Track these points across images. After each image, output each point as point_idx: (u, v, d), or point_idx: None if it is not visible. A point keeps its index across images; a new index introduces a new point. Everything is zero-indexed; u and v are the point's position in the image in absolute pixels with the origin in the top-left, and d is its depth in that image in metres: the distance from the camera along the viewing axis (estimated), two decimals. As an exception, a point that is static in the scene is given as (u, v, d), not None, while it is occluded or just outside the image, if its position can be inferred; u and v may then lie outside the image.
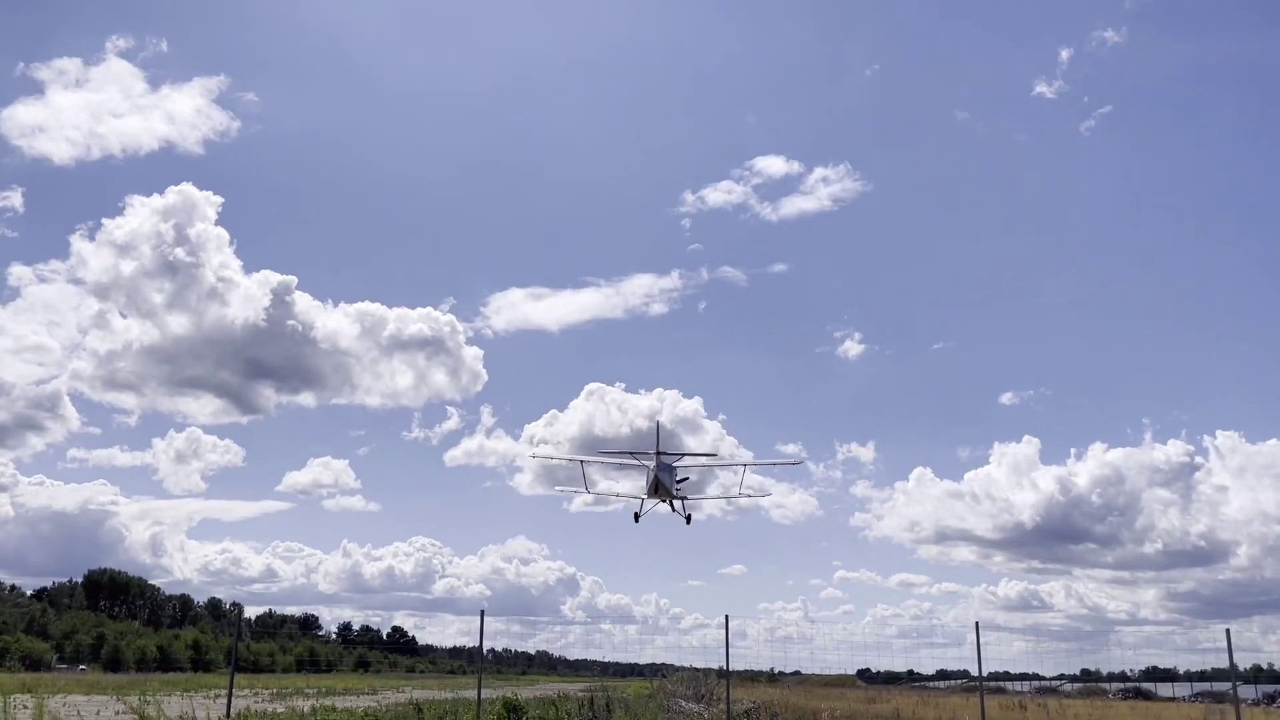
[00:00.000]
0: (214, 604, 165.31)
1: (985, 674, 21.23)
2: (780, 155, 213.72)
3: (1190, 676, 69.71)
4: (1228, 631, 19.03)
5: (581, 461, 30.81)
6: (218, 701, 33.62)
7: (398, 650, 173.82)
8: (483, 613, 19.66)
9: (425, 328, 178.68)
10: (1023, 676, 71.88)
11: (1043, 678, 72.83)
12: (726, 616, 20.32)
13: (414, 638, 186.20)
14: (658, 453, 28.93)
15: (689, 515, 29.69)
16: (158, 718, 11.34)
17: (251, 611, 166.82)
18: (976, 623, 19.98)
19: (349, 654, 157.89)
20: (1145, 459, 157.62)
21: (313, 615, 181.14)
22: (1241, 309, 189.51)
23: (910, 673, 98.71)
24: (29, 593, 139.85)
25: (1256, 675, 76.51)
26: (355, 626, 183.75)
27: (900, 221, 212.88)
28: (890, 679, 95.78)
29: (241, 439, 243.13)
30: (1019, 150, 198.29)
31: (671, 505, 29.63)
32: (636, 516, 30.20)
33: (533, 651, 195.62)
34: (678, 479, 29.32)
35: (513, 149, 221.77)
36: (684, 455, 29.99)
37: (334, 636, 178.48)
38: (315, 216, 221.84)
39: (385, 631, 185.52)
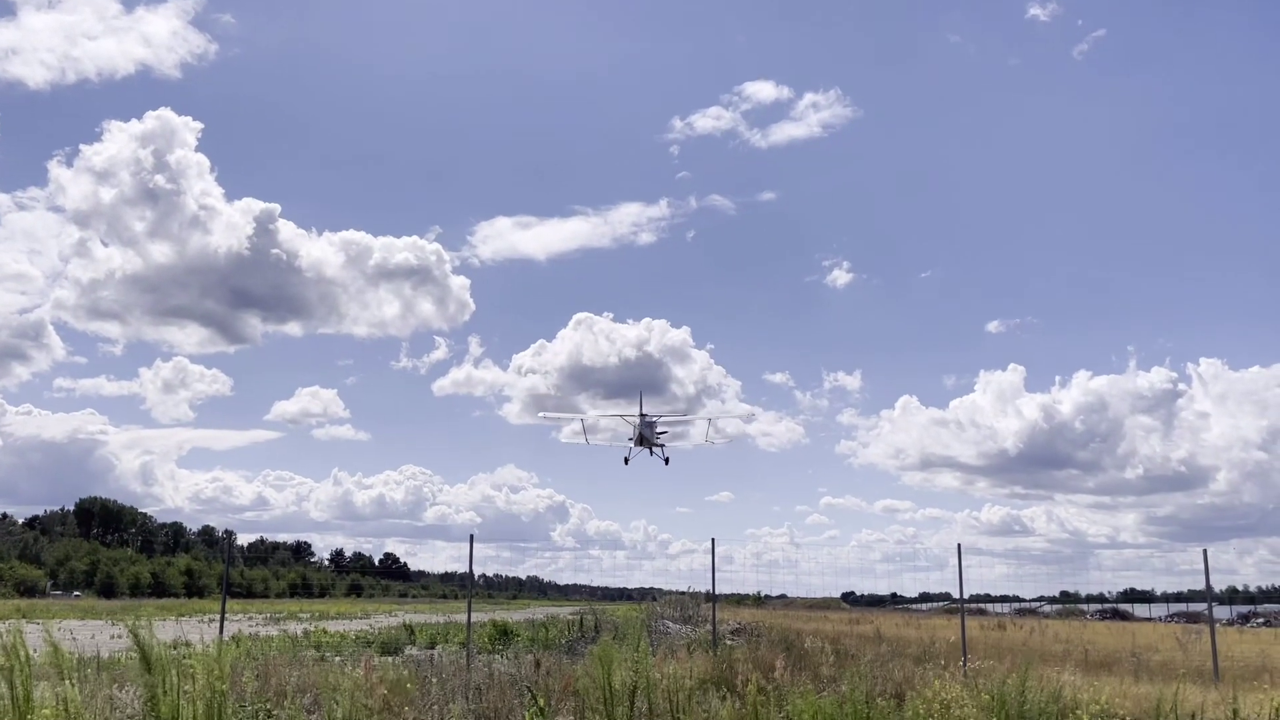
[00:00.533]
0: (207, 531, 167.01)
1: (967, 596, 21.57)
2: (770, 80, 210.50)
3: (1167, 598, 71.23)
4: (1204, 552, 19.34)
5: (582, 419, 38.87)
6: (211, 626, 34.12)
7: (390, 576, 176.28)
8: (471, 537, 19.85)
9: (411, 257, 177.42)
10: (1003, 599, 73.38)
11: (1023, 600, 74.42)
12: (713, 540, 20.64)
13: (406, 564, 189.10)
14: (640, 414, 36.17)
15: (667, 458, 37.43)
16: (149, 641, 11.43)
17: (244, 539, 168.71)
18: (959, 545, 20.25)
19: (342, 580, 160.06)
20: (1129, 386, 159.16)
21: (305, 542, 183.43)
22: (1230, 237, 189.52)
23: (893, 595, 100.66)
24: (20, 521, 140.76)
25: (1232, 596, 78.27)
26: (347, 553, 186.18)
27: (889, 149, 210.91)
28: (874, 602, 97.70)
29: (229, 368, 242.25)
30: (1011, 75, 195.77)
31: (652, 451, 36.68)
32: (626, 460, 37.24)
33: (523, 577, 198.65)
34: (657, 430, 36.66)
35: (499, 75, 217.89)
36: (662, 416, 37.51)
37: (326, 563, 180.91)
38: (296, 143, 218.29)
39: (377, 558, 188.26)
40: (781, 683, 13.24)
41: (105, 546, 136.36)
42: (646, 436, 35.99)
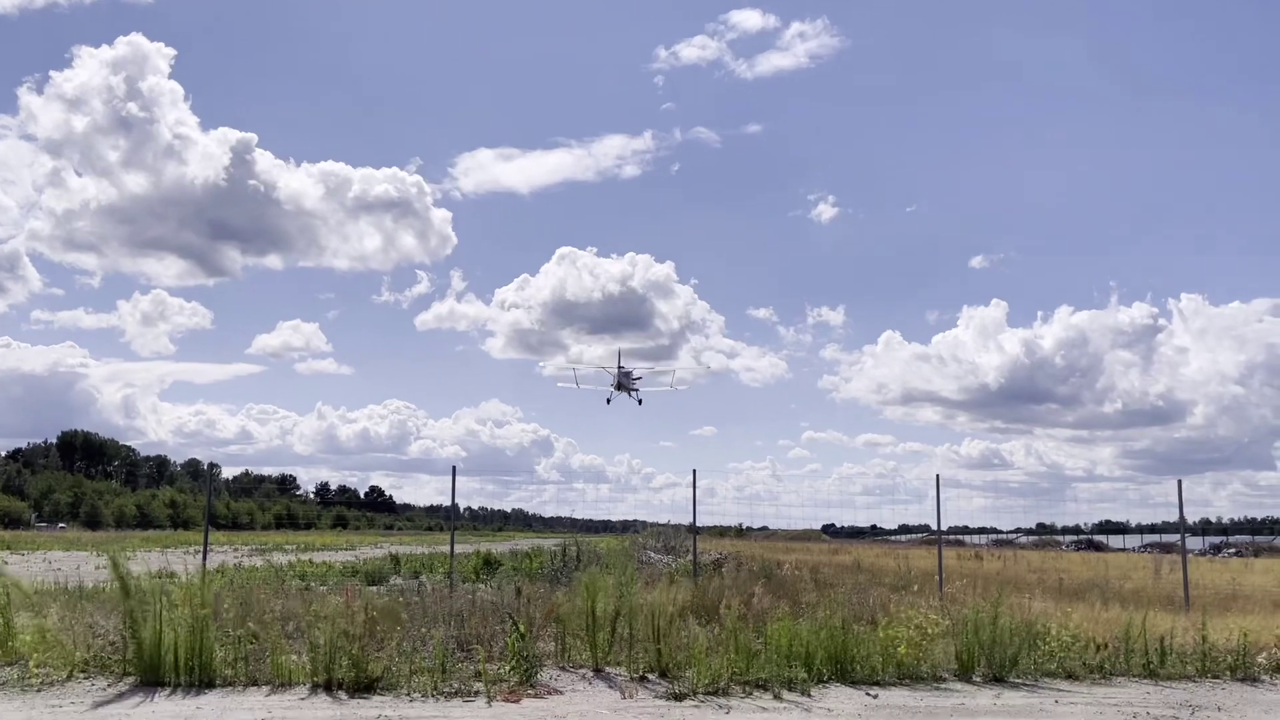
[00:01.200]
0: (192, 464, 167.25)
1: (945, 528, 21.85)
2: (756, 9, 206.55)
3: (1141, 529, 72.52)
4: (1179, 483, 19.55)
5: (574, 369, 46.98)
6: (196, 556, 34.29)
7: (376, 508, 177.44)
8: (454, 469, 19.97)
9: (391, 189, 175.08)
10: (981, 530, 74.51)
11: (1000, 531, 75.61)
12: (694, 471, 20.75)
13: (391, 497, 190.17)
14: (619, 367, 45.82)
15: (640, 400, 47.20)
16: (127, 573, 11.47)
17: (229, 472, 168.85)
18: (937, 476, 20.43)
19: (327, 512, 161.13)
20: (1110, 321, 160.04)
21: (290, 475, 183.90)
22: (1214, 173, 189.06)
23: (873, 527, 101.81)
24: (2, 454, 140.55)
25: (1205, 528, 79.94)
26: (332, 486, 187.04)
27: (876, 80, 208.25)
28: (854, 533, 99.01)
29: (208, 301, 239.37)
30: (998, 4, 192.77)
31: (630, 393, 46.16)
32: (608, 400, 46.36)
33: (508, 510, 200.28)
34: (633, 378, 45.98)
35: (481, 1, 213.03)
36: (636, 368, 47.32)
37: (311, 496, 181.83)
38: (272, 71, 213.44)
39: (362, 491, 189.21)
40: (760, 609, 13.45)
41: (89, 479, 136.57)
42: (625, 385, 45.88)
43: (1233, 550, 65.23)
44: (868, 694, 10.98)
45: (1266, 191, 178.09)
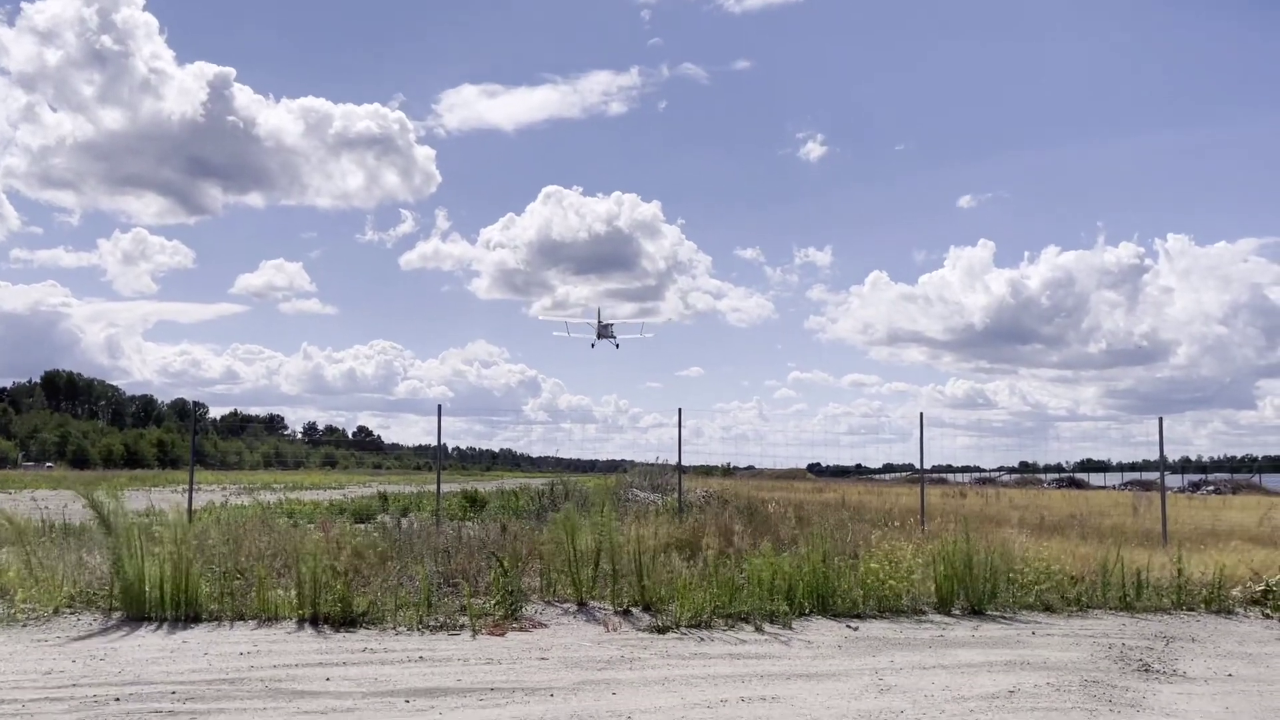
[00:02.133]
0: (179, 404, 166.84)
1: (929, 466, 22.04)
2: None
3: (1122, 467, 73.24)
4: (1159, 420, 19.73)
5: (566, 321, 57.39)
6: (183, 495, 34.35)
7: (364, 448, 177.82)
8: (440, 407, 19.99)
9: (373, 125, 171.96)
10: (965, 469, 75.15)
11: (983, 470, 76.28)
12: (680, 410, 20.89)
13: (379, 437, 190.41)
14: (599, 321, 57.00)
15: (617, 344, 59.06)
16: (108, 510, 11.47)
17: (216, 412, 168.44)
18: (921, 415, 20.53)
19: (315, 452, 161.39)
20: (1096, 261, 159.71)
21: (278, 415, 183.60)
22: (1202, 113, 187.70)
23: (858, 466, 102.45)
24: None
25: (1184, 466, 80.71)
26: (320, 426, 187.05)
27: (867, 16, 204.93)
28: (839, 472, 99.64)
29: (190, 240, 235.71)
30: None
31: (609, 339, 58.09)
32: (592, 345, 58.20)
33: (496, 449, 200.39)
34: (611, 330, 57.58)
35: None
36: (613, 323, 58.67)
37: (299, 436, 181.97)
38: (249, 3, 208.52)
39: (350, 431, 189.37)
40: (743, 544, 13.59)
41: (75, 419, 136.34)
42: (604, 334, 56.63)
43: (1211, 488, 66.06)
44: (848, 626, 11.14)
45: (1254, 131, 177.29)
